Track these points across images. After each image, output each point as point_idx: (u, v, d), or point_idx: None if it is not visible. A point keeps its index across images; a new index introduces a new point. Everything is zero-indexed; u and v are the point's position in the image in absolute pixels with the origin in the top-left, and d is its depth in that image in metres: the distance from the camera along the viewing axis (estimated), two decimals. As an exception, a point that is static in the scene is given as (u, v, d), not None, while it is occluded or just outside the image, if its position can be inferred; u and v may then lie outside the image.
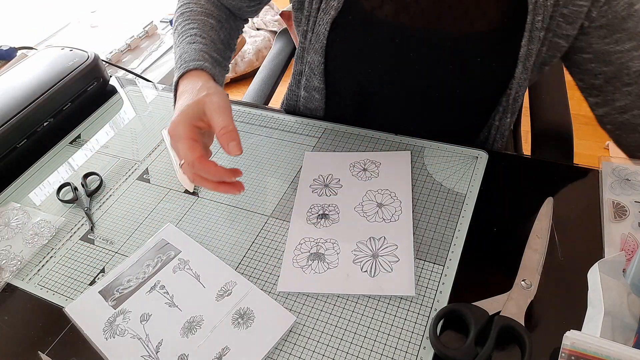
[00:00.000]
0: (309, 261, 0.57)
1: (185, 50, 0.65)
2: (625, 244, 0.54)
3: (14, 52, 1.20)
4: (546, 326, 0.49)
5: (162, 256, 0.61)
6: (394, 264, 0.55)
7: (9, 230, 0.68)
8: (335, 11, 0.66)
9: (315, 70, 0.73)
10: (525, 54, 0.62)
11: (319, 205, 0.64)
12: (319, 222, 0.61)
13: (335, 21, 0.67)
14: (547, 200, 0.59)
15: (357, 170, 0.67)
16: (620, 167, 0.62)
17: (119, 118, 0.87)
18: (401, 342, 0.49)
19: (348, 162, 0.68)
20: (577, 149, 0.80)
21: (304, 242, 0.59)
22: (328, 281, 0.55)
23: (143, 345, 0.52)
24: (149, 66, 1.22)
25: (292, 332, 0.52)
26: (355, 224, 0.61)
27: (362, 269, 0.55)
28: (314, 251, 0.58)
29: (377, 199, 0.63)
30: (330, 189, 0.65)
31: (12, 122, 0.78)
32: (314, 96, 0.77)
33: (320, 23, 0.68)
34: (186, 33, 0.68)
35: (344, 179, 0.66)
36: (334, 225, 0.61)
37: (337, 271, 0.56)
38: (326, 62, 0.72)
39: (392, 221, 0.60)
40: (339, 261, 0.57)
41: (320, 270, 0.56)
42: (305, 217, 0.62)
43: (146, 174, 0.74)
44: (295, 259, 0.58)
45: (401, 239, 0.58)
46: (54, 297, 0.59)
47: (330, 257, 0.57)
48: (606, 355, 0.40)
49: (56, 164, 0.79)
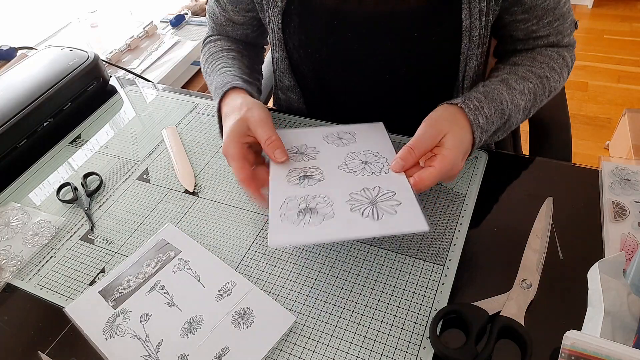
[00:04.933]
0: (300, 216, 0.51)
1: (218, 80, 0.70)
2: (625, 244, 0.54)
3: (14, 52, 1.20)
4: (546, 326, 0.49)
5: (162, 256, 0.61)
6: (397, 207, 0.51)
7: (9, 230, 0.68)
8: (282, 2, 0.68)
9: (281, 67, 0.77)
10: (468, 27, 0.63)
11: (299, 169, 0.58)
12: (302, 183, 0.56)
13: (284, 13, 0.69)
14: (547, 200, 0.59)
15: (332, 139, 0.63)
16: (620, 167, 0.62)
17: (119, 118, 0.87)
18: (401, 342, 0.49)
19: (321, 135, 0.64)
20: (577, 149, 0.80)
21: (290, 201, 0.53)
22: (327, 230, 0.49)
23: (143, 345, 0.52)
24: (149, 66, 1.22)
25: (292, 332, 0.52)
26: (342, 179, 0.56)
27: (363, 214, 0.51)
28: (303, 207, 0.52)
29: (360, 157, 0.59)
30: (307, 155, 0.60)
31: (12, 122, 0.78)
32: (291, 97, 0.82)
33: (273, 18, 0.70)
34: (215, 71, 0.73)
35: (320, 147, 0.62)
36: (319, 183, 0.56)
37: (334, 221, 0.50)
38: (289, 58, 0.76)
39: (382, 174, 0.56)
40: (335, 212, 0.51)
41: (316, 223, 0.50)
42: (285, 180, 0.56)
43: (146, 174, 0.74)
44: (284, 216, 0.51)
45: (397, 186, 0.54)
46: (54, 297, 0.59)
47: (323, 209, 0.52)
48: (606, 355, 0.40)
49: (56, 164, 0.79)
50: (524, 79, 0.64)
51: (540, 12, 0.64)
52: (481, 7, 0.61)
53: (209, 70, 0.75)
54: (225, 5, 0.76)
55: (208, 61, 0.77)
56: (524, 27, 0.66)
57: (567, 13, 0.66)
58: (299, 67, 0.77)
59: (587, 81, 2.19)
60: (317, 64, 0.74)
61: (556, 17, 0.65)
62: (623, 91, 2.12)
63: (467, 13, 0.61)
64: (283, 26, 0.71)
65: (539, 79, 0.65)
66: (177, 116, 0.84)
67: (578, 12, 2.70)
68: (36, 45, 1.32)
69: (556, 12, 0.64)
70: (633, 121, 1.58)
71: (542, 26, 0.65)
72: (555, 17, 0.65)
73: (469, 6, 0.61)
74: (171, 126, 0.82)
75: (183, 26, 1.40)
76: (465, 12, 0.61)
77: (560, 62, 0.68)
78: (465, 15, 0.61)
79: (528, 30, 0.66)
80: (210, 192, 0.69)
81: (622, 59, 2.30)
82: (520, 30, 0.67)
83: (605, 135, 1.89)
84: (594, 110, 2.03)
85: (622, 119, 1.64)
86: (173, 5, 1.48)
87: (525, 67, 0.66)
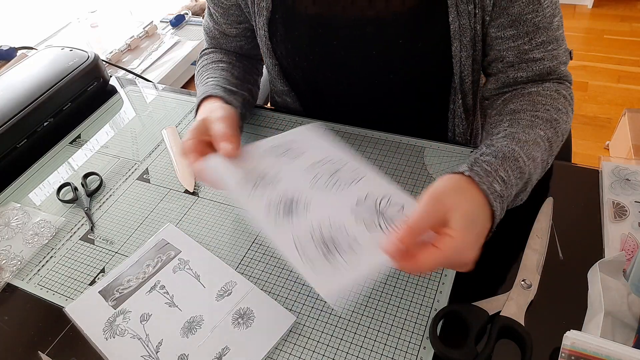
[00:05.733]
0: (325, 252, 0.46)
1: (199, 91, 0.70)
2: (625, 244, 0.54)
3: (14, 52, 1.20)
4: (546, 326, 0.49)
5: (162, 256, 0.61)
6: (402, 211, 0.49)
7: (9, 230, 0.68)
8: (267, 11, 0.68)
9: (273, 73, 0.78)
10: (458, 30, 0.61)
11: (274, 202, 0.51)
12: (290, 221, 0.49)
13: (270, 22, 0.69)
14: (547, 200, 0.59)
15: (279, 153, 0.57)
16: (620, 167, 0.62)
17: (119, 118, 0.87)
18: (401, 342, 0.49)
19: (266, 153, 0.57)
20: (577, 149, 0.80)
21: (299, 240, 0.48)
22: (369, 267, 0.45)
23: (143, 345, 0.52)
24: (149, 66, 1.22)
25: (292, 332, 0.52)
26: (326, 198, 0.51)
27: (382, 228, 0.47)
28: (320, 240, 0.47)
29: (324, 169, 0.55)
30: (270, 182, 0.53)
31: (12, 122, 0.78)
32: (287, 100, 0.82)
33: (259, 27, 0.71)
34: (201, 83, 0.73)
35: (275, 167, 0.55)
36: (308, 209, 0.50)
37: (365, 249, 0.46)
38: (279, 65, 0.76)
39: (360, 180, 0.52)
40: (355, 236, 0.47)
41: (353, 260, 0.45)
42: (273, 220, 0.50)
43: (146, 174, 0.74)
44: (311, 262, 0.45)
45: (385, 189, 0.51)
46: (54, 297, 0.59)
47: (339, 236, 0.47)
48: (606, 355, 0.40)
49: (56, 164, 0.79)
50: (531, 127, 0.55)
51: (531, 28, 0.59)
52: (469, 10, 0.59)
53: (198, 83, 0.76)
54: (218, 18, 0.76)
55: (199, 73, 0.77)
56: (515, 46, 0.61)
57: (561, 39, 0.62)
58: (290, 73, 0.77)
59: (587, 81, 2.19)
60: (307, 71, 0.74)
61: (550, 38, 0.60)
62: (623, 91, 2.12)
63: (454, 16, 0.60)
64: (270, 34, 0.71)
65: (549, 124, 0.57)
66: (177, 116, 0.84)
67: (578, 12, 2.70)
68: (36, 45, 1.32)
69: (549, 33, 0.60)
70: (633, 121, 1.58)
71: (534, 46, 0.60)
72: (549, 39, 0.60)
73: (457, 9, 0.59)
74: (171, 126, 0.82)
75: (183, 26, 1.41)
76: (453, 15, 0.60)
77: (563, 101, 0.60)
78: (453, 18, 0.60)
79: (520, 50, 0.61)
80: (210, 192, 0.69)
81: (622, 59, 2.30)
82: (510, 50, 0.61)
83: (605, 135, 1.89)
84: (594, 110, 2.03)
85: (622, 119, 1.64)
86: (173, 5, 1.48)
87: (528, 112, 0.58)
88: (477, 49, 0.64)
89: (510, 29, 0.60)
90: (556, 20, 0.60)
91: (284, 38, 0.70)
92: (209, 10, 0.77)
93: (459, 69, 0.66)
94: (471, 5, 0.59)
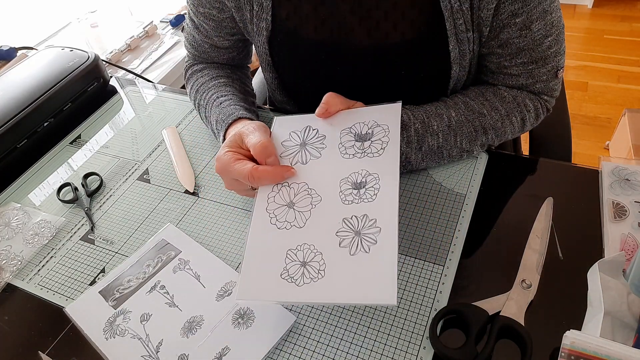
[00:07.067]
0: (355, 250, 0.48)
1: (218, 112, 0.69)
2: (625, 244, 0.54)
3: (14, 52, 1.20)
4: (546, 326, 0.49)
5: (162, 256, 0.61)
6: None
7: (9, 230, 0.68)
8: (267, 31, 0.67)
9: (272, 86, 0.78)
10: (458, 56, 0.62)
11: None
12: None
13: (270, 40, 0.69)
14: (547, 200, 0.59)
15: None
16: (620, 167, 0.62)
17: (119, 118, 0.87)
18: (401, 342, 0.49)
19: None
20: (577, 149, 0.80)
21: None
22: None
23: (143, 345, 0.52)
24: (149, 66, 1.22)
25: (292, 332, 0.52)
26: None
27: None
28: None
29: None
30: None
31: (12, 122, 0.78)
32: (286, 107, 0.82)
33: (259, 44, 0.70)
34: (210, 103, 0.72)
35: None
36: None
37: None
38: (279, 78, 0.76)
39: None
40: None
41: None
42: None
43: (146, 174, 0.74)
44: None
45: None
46: (54, 297, 0.59)
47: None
48: (606, 355, 0.40)
49: (56, 164, 0.80)
50: (451, 107, 0.63)
51: (515, 51, 0.61)
52: (468, 36, 0.61)
53: (203, 103, 0.73)
54: (208, 32, 0.74)
55: (199, 93, 0.75)
56: (497, 61, 0.64)
57: (550, 57, 0.62)
58: (291, 86, 0.76)
59: (587, 81, 2.19)
60: (309, 87, 0.73)
61: (533, 59, 0.62)
62: (623, 91, 2.12)
63: (454, 44, 0.61)
64: (271, 52, 0.70)
65: (470, 112, 0.62)
66: (177, 116, 0.84)
67: (578, 12, 2.70)
68: (36, 45, 1.32)
69: (534, 55, 0.61)
70: (633, 121, 1.58)
71: (514, 64, 0.63)
72: (532, 59, 0.62)
73: (456, 37, 0.61)
74: (171, 126, 0.82)
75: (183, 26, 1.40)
76: (453, 43, 0.61)
77: (512, 106, 0.64)
78: (453, 46, 0.61)
79: (500, 65, 0.64)
80: (210, 193, 0.69)
81: (622, 59, 2.30)
82: (492, 63, 0.65)
83: (605, 135, 1.89)
84: (593, 110, 2.03)
85: (622, 119, 1.64)
86: (173, 5, 1.48)
87: (465, 96, 0.65)
88: (473, 66, 0.67)
89: (497, 49, 0.63)
90: (548, 40, 0.61)
91: (286, 56, 0.70)
92: (193, 24, 0.75)
93: (453, 84, 0.67)
94: (469, 32, 0.61)
